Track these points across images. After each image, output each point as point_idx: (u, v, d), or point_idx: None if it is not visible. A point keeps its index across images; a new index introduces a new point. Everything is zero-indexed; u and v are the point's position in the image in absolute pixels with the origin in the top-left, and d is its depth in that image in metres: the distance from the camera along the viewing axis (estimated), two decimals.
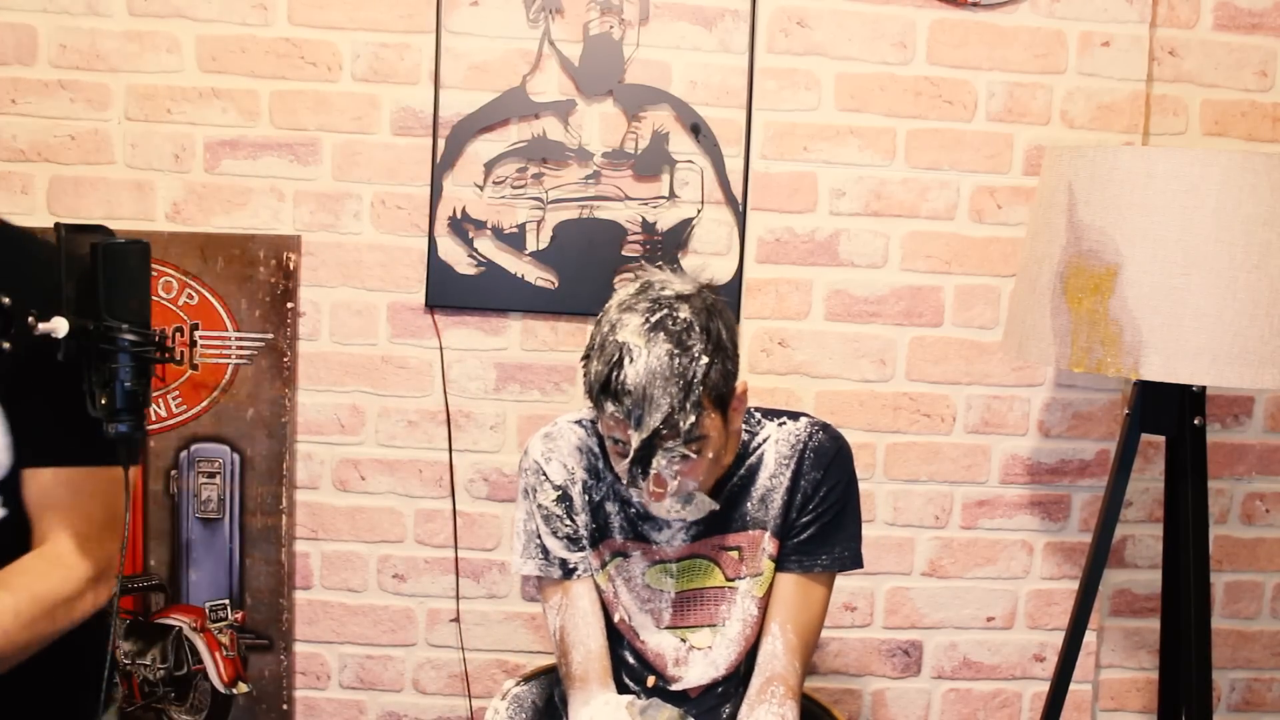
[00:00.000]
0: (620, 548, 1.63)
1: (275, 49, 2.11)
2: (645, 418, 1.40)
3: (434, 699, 2.26)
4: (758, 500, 1.62)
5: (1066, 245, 1.76)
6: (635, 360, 1.40)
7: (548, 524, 1.62)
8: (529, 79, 2.13)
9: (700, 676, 1.64)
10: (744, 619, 1.63)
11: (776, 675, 1.57)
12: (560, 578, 1.63)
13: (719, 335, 1.45)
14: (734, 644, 1.63)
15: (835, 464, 1.61)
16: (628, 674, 1.67)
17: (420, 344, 2.18)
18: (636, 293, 1.48)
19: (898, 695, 2.30)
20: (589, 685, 1.59)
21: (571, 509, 1.62)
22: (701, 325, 1.44)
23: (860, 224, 2.19)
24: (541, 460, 1.63)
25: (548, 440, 1.64)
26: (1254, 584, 2.35)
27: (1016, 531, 2.28)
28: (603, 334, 1.46)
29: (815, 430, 1.63)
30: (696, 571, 1.63)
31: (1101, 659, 2.33)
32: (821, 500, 1.60)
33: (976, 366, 2.23)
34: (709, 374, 1.42)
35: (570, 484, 1.62)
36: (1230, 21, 2.20)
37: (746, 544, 1.62)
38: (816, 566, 1.61)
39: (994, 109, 2.18)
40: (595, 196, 2.15)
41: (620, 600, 1.65)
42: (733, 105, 2.15)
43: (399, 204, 2.15)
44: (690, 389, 1.41)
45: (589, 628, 1.62)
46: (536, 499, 1.63)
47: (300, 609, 2.22)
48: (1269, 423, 2.31)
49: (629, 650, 1.66)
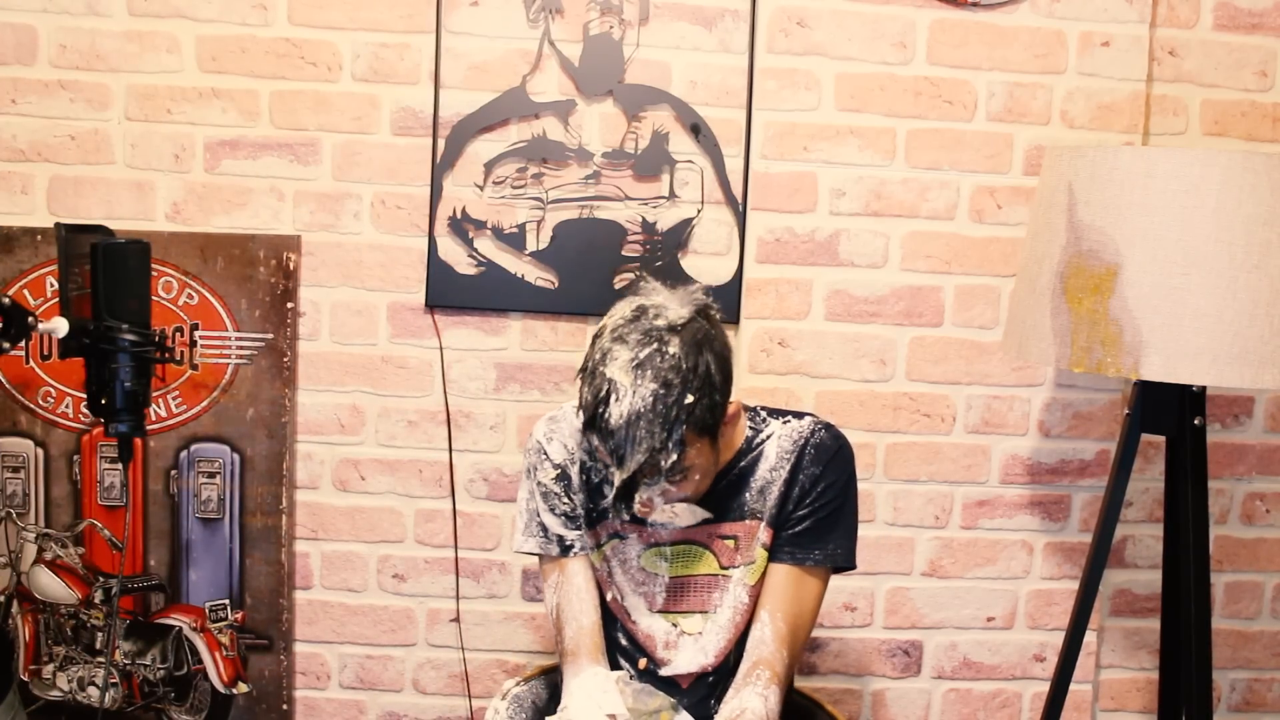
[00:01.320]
0: (617, 529, 1.67)
1: (275, 49, 2.11)
2: (627, 458, 1.43)
3: (434, 699, 2.26)
4: (756, 491, 1.65)
5: (1066, 245, 1.76)
6: (620, 399, 1.42)
7: (546, 501, 1.67)
8: (529, 79, 2.13)
9: (690, 662, 1.66)
10: (735, 606, 1.66)
11: (763, 660, 1.60)
12: (558, 555, 1.67)
13: (707, 370, 1.46)
14: (724, 631, 1.66)
15: (835, 461, 1.64)
16: (620, 655, 1.70)
17: (420, 344, 2.18)
18: (630, 319, 1.49)
19: (898, 695, 2.30)
20: (579, 659, 1.63)
21: (570, 488, 1.66)
22: (690, 364, 1.45)
23: (860, 224, 2.19)
24: (543, 440, 1.68)
25: (551, 422, 1.70)
26: (1254, 584, 2.35)
27: (1016, 531, 2.28)
28: (594, 360, 1.48)
29: (818, 428, 1.67)
30: (691, 558, 1.66)
31: (1101, 659, 2.33)
32: (819, 495, 1.63)
33: (976, 366, 2.23)
34: (694, 411, 1.44)
35: (569, 464, 1.66)
36: (1230, 21, 2.20)
37: (742, 533, 1.65)
38: (809, 560, 1.63)
39: (994, 109, 2.18)
40: (595, 196, 2.15)
41: (614, 580, 1.68)
42: (733, 105, 2.15)
43: (399, 204, 2.15)
44: (673, 428, 1.43)
45: (583, 604, 1.66)
46: (537, 476, 1.68)
47: (300, 609, 2.22)
48: (1269, 423, 2.31)
49: (621, 632, 1.70)
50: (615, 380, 1.44)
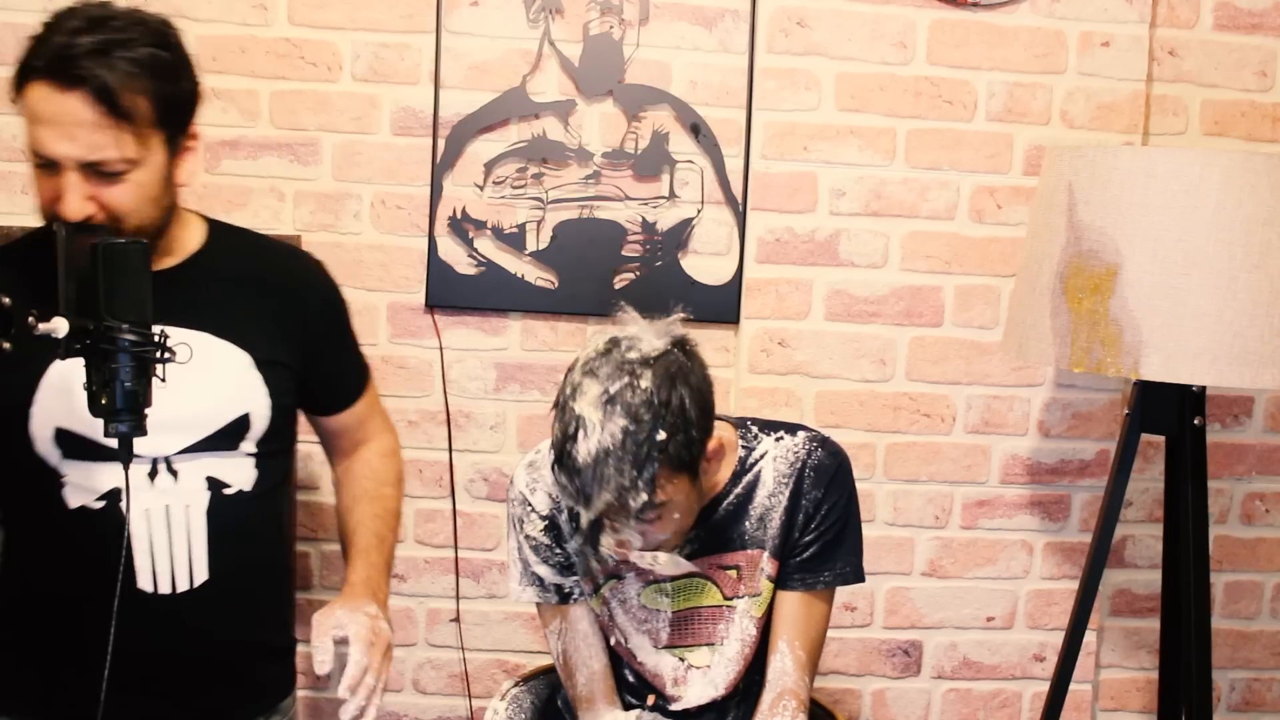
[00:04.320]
0: (613, 570, 1.61)
1: (275, 49, 2.11)
2: (594, 497, 1.37)
3: (434, 699, 2.26)
4: (756, 519, 1.59)
5: (1066, 245, 1.76)
6: (589, 435, 1.36)
7: (538, 554, 1.61)
8: (529, 79, 2.13)
9: (699, 696, 1.63)
10: (742, 639, 1.62)
11: (788, 690, 1.57)
12: (557, 603, 1.63)
13: (681, 405, 1.39)
14: (733, 663, 1.62)
15: (835, 481, 1.59)
16: (629, 692, 1.67)
17: (420, 344, 2.18)
18: (602, 352, 1.42)
19: (898, 695, 2.30)
20: (595, 706, 1.62)
21: (560, 537, 1.61)
22: (663, 399, 1.37)
23: (860, 224, 2.19)
24: (526, 491, 1.62)
25: (531, 470, 1.62)
26: (1254, 584, 2.35)
27: (1016, 531, 2.28)
28: (564, 396, 1.42)
29: (814, 447, 1.61)
30: (694, 590, 1.61)
31: (1101, 659, 2.33)
32: (823, 519, 1.59)
33: (976, 366, 2.23)
34: (667, 449, 1.37)
35: (557, 513, 1.59)
36: (1230, 21, 2.20)
37: (745, 563, 1.60)
38: (819, 584, 1.60)
39: (994, 109, 2.18)
40: (595, 196, 2.15)
41: (616, 623, 1.64)
42: (733, 105, 2.15)
43: (399, 204, 2.15)
44: (644, 467, 1.36)
45: (590, 649, 1.64)
46: (524, 530, 1.62)
47: (300, 609, 2.22)
48: (1269, 423, 2.31)
49: (628, 669, 1.67)
50: (583, 416, 1.37)
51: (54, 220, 1.32)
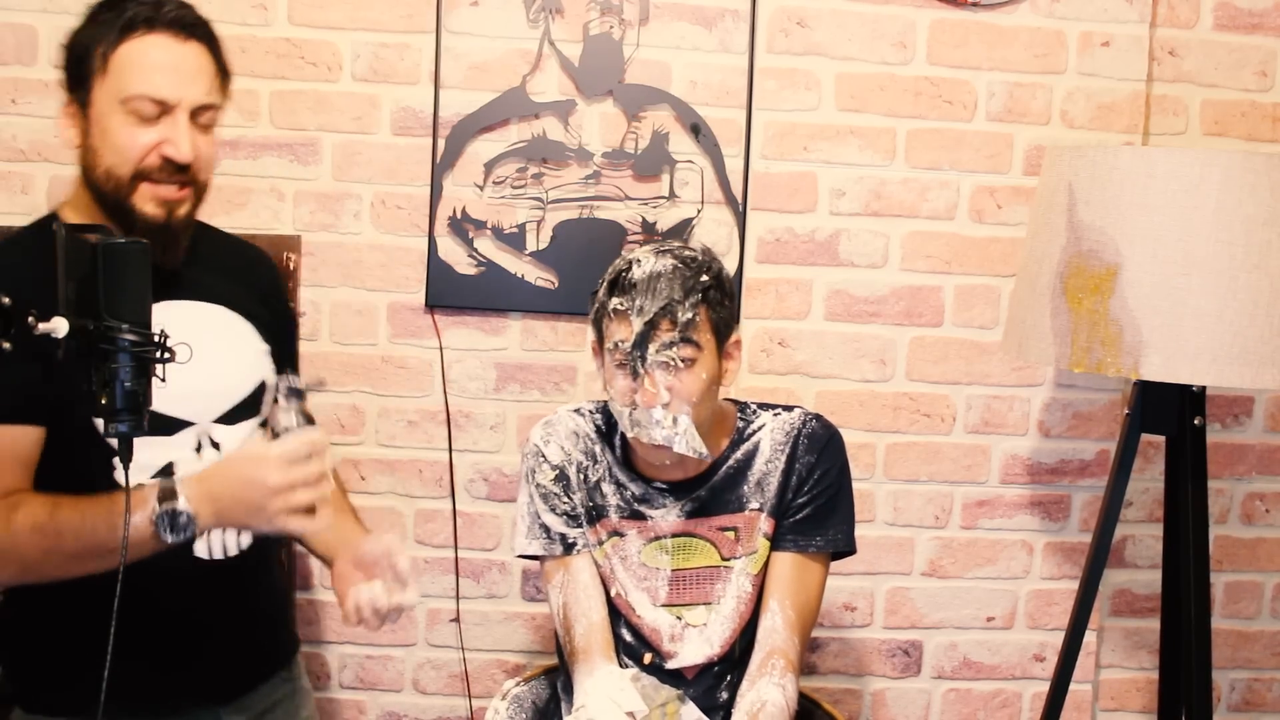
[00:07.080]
0: (616, 527, 1.70)
1: (275, 49, 2.11)
2: (646, 305, 1.54)
3: (434, 699, 2.26)
4: (754, 484, 1.69)
5: (1066, 245, 1.76)
6: (643, 265, 1.58)
7: (546, 502, 1.69)
8: (529, 79, 2.13)
9: (695, 654, 1.67)
10: (739, 596, 1.68)
11: (777, 649, 1.62)
12: (561, 554, 1.69)
13: (720, 272, 1.62)
14: (729, 621, 1.67)
15: (829, 449, 1.70)
16: (625, 651, 1.70)
17: (420, 344, 2.18)
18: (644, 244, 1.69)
19: (898, 695, 2.30)
20: (592, 657, 1.64)
21: (569, 487, 1.69)
22: (708, 259, 1.62)
23: (860, 224, 2.19)
24: (540, 443, 1.72)
25: (547, 426, 1.74)
26: (1254, 584, 2.35)
27: (1016, 531, 2.28)
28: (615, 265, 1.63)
29: (809, 419, 1.73)
30: (692, 550, 1.69)
31: (1101, 659, 2.33)
32: (816, 483, 1.68)
33: (976, 366, 2.23)
34: (709, 291, 1.58)
35: (567, 464, 1.70)
36: (1230, 21, 2.20)
37: (743, 524, 1.69)
38: (812, 546, 1.68)
39: (994, 109, 2.18)
40: (595, 196, 2.15)
41: (616, 576, 1.70)
42: (733, 105, 2.15)
43: (399, 204, 2.15)
44: (690, 292, 1.56)
45: (590, 601, 1.67)
46: (536, 479, 1.70)
47: (300, 609, 2.22)
48: (1269, 423, 2.31)
49: (626, 627, 1.70)
50: (637, 256, 1.60)
51: (59, 223, 1.33)
